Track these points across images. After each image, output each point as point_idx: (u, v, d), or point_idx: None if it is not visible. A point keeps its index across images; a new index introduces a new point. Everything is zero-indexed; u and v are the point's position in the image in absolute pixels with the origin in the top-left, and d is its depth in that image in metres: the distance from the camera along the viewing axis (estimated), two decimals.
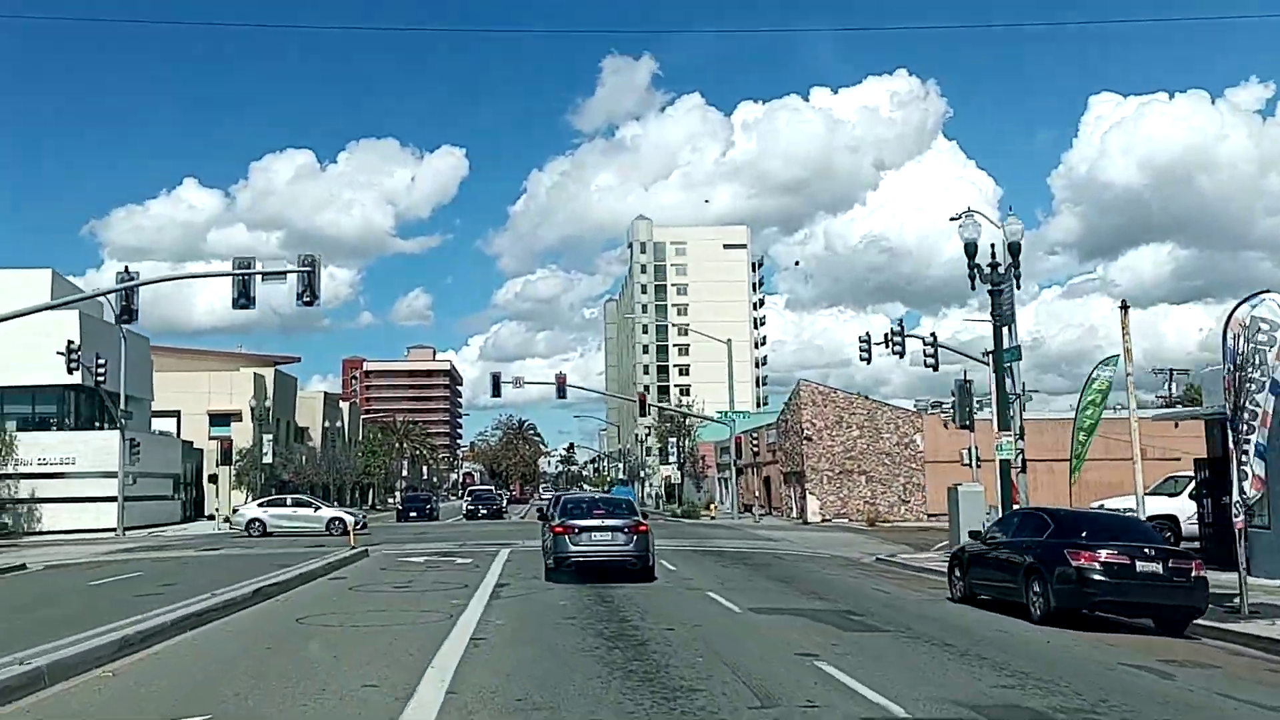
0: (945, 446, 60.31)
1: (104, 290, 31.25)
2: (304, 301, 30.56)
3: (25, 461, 54.35)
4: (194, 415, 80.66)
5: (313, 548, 34.77)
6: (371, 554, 29.70)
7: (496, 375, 62.11)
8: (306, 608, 17.15)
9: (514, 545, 33.61)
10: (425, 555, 29.60)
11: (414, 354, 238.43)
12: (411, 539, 39.78)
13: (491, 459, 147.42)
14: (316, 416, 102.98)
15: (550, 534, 21.36)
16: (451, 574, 23.40)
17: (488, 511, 63.51)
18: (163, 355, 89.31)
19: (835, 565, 28.47)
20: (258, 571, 23.37)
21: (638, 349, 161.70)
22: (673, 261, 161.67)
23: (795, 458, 61.83)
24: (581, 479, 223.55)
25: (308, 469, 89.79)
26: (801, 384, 61.58)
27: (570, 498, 24.17)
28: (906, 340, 46.40)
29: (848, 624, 15.25)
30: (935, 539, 41.40)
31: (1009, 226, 25.66)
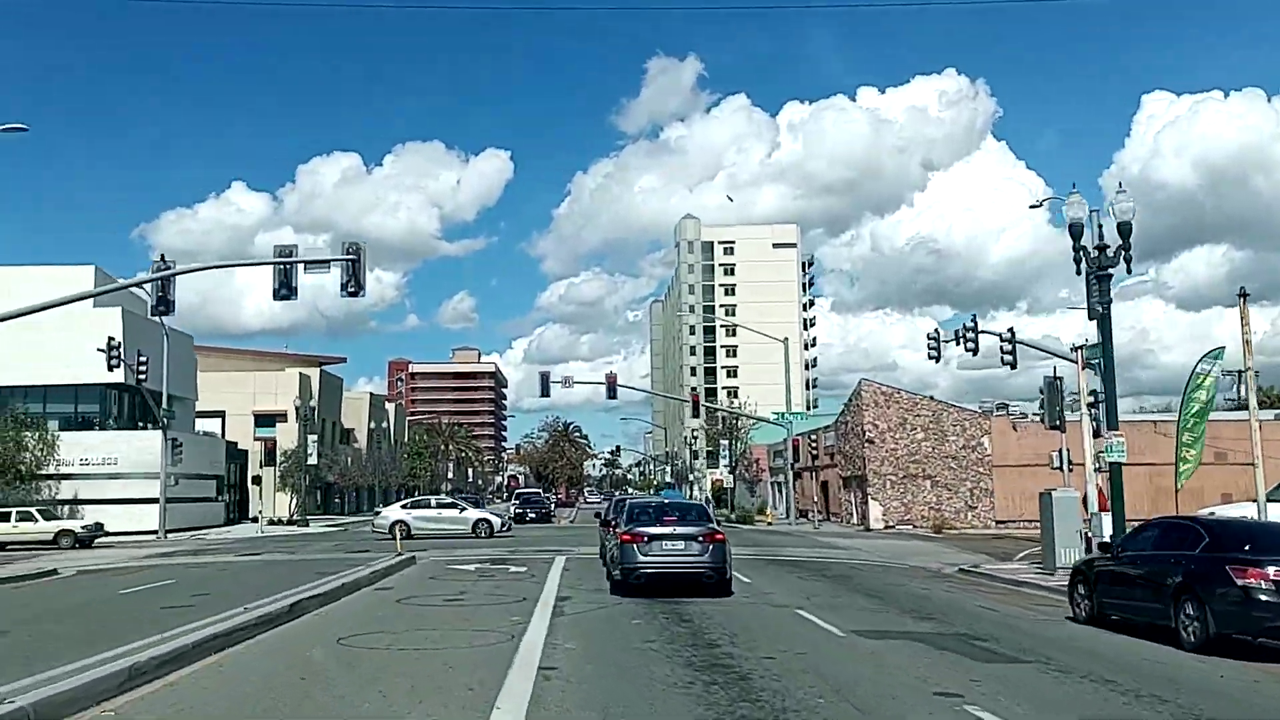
0: (1014, 450, 57.90)
1: (141, 280, 29.70)
2: (348, 292, 28.77)
3: (67, 462, 53.20)
4: (239, 416, 79.54)
5: (355, 553, 32.99)
6: (419, 561, 27.81)
7: (545, 374, 60.29)
8: (349, 625, 15.22)
9: (569, 552, 31.65)
10: (476, 562, 27.67)
11: (459, 355, 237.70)
12: (458, 545, 37.92)
13: (538, 461, 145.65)
14: (362, 418, 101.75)
15: (616, 542, 19.32)
16: (506, 585, 21.42)
17: (536, 515, 61.63)
18: (207, 355, 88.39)
19: (920, 577, 26.22)
20: (298, 580, 21.53)
21: (684, 350, 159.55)
22: (720, 261, 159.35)
23: (856, 461, 59.47)
24: (626, 482, 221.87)
25: (353, 471, 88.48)
26: (863, 384, 59.19)
27: (636, 502, 22.02)
28: (980, 337, 43.94)
29: (974, 651, 13.08)
30: (1013, 548, 39.04)
31: (1118, 205, 23.28)
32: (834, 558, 32.01)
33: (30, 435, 49.90)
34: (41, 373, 55.45)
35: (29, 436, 49.80)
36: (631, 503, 21.25)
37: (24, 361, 55.04)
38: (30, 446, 49.59)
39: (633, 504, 21.04)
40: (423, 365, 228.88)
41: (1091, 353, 29.85)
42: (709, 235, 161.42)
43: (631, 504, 21.00)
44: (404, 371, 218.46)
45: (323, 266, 29.08)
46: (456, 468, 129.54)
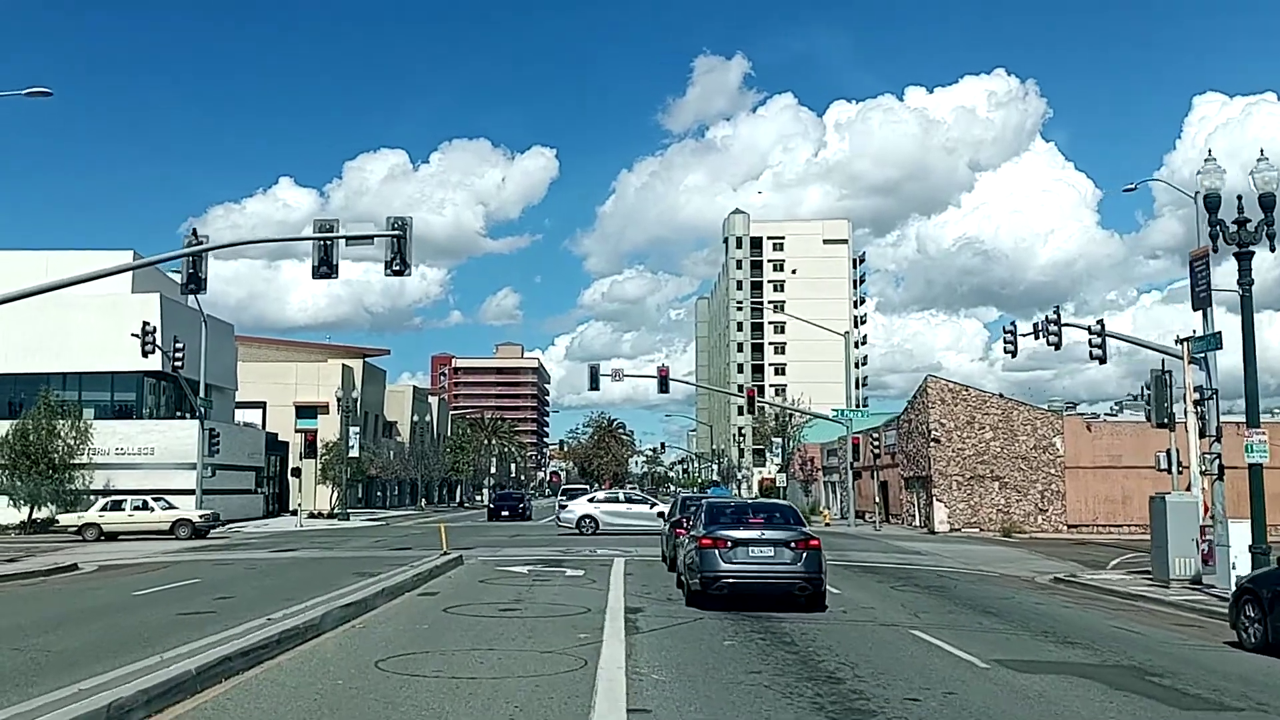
0: (1088, 451, 54.95)
1: (172, 255, 27.48)
2: (393, 270, 26.53)
3: (101, 451, 51.48)
4: (280, 407, 77.86)
5: (397, 550, 30.75)
6: (466, 561, 25.49)
7: (595, 367, 57.68)
8: (389, 642, 12.87)
9: (626, 554, 29.23)
10: (527, 564, 25.32)
11: (503, 351, 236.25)
12: (507, 542, 35.63)
13: (583, 457, 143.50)
14: (405, 411, 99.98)
15: (693, 547, 16.83)
16: (565, 591, 19.03)
17: None
18: (249, 345, 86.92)
19: (1019, 588, 23.59)
20: (334, 582, 19.28)
21: (732, 348, 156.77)
22: (769, 257, 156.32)
23: (920, 461, 56.64)
24: (668, 480, 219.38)
25: (395, 464, 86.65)
26: (929, 380, 56.34)
27: (716, 502, 19.44)
28: (1063, 330, 41.11)
29: (1161, 693, 10.49)
30: (1098, 554, 36.32)
31: (1260, 175, 20.47)
32: (912, 563, 29.37)
33: (64, 423, 48.10)
34: (77, 360, 53.91)
35: (62, 425, 48.01)
36: (710, 503, 18.67)
37: (60, 348, 53.49)
38: (64, 435, 47.79)
39: (712, 504, 18.50)
40: (466, 360, 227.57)
41: (1198, 346, 27.16)
42: (758, 231, 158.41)
43: (711, 504, 18.46)
44: (447, 366, 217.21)
45: (366, 242, 26.89)
46: (499, 463, 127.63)
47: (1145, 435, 56.27)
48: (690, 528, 18.37)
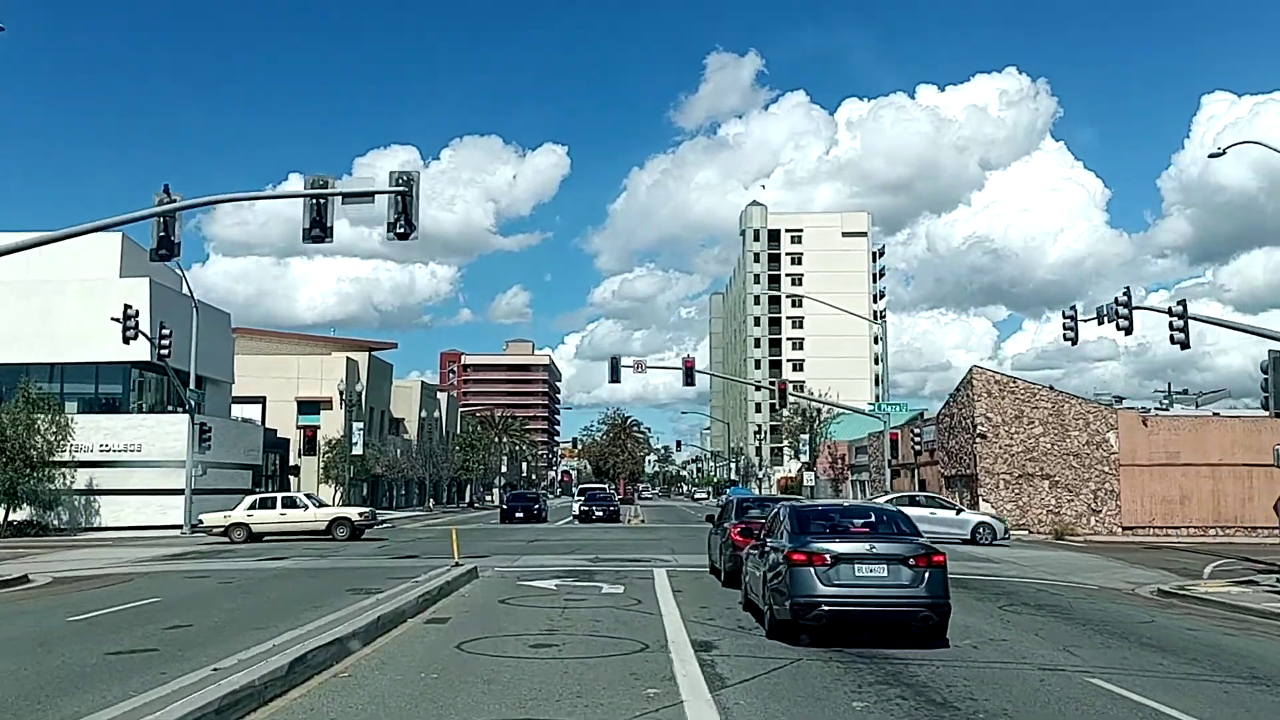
0: (1143, 447, 51.07)
1: (138, 215, 23.67)
2: (397, 233, 22.81)
3: (84, 447, 47.81)
4: (281, 402, 74.13)
5: (402, 558, 27.01)
6: (481, 573, 21.74)
7: (616, 359, 53.98)
8: (381, 701, 9.12)
9: (664, 562, 25.50)
10: (553, 576, 21.56)
11: (513, 347, 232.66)
12: (524, 548, 31.89)
13: (597, 455, 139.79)
14: (413, 407, 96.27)
15: (779, 564, 12.91)
16: (607, 615, 15.26)
17: (604, 514, 55.44)
18: (249, 338, 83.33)
19: (1146, 605, 19.76)
20: (322, 602, 15.61)
21: (749, 343, 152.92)
22: (787, 250, 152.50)
23: (964, 458, 52.79)
24: (681, 479, 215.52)
25: (402, 462, 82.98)
26: (975, 371, 52.45)
27: (801, 506, 15.29)
28: (1134, 313, 37.36)
29: None
30: (1178, 560, 32.55)
31: None
32: (994, 574, 25.49)
33: (42, 417, 44.35)
34: (60, 349, 50.19)
35: (41, 419, 44.26)
36: (795, 507, 14.65)
37: (40, 336, 49.83)
38: (43, 430, 44.05)
39: (798, 509, 14.52)
40: (475, 357, 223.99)
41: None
42: (775, 223, 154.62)
43: (796, 509, 14.47)
44: (456, 363, 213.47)
45: (364, 200, 23.11)
46: (510, 462, 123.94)
47: (1204, 430, 52.60)
48: (767, 537, 14.56)
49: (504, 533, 43.15)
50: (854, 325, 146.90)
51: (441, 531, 44.22)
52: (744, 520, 19.26)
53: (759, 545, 14.85)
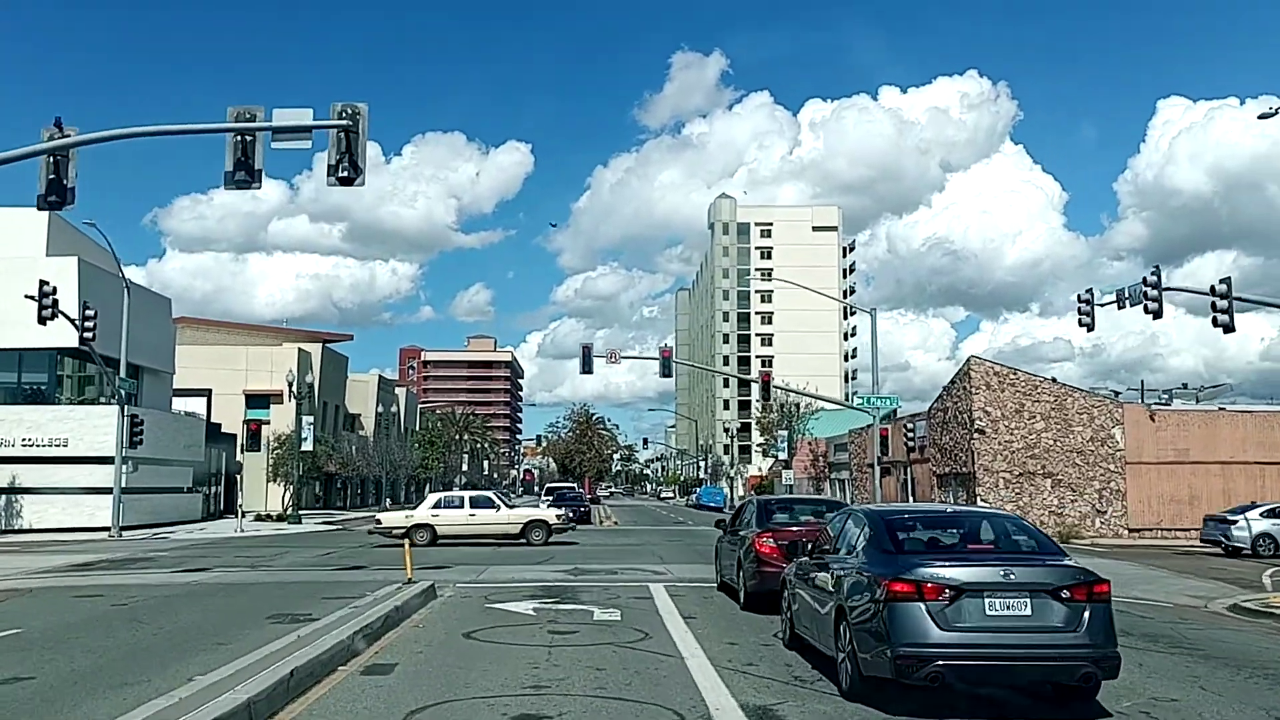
0: (1150, 444, 47.79)
1: (21, 153, 19.38)
2: (340, 177, 18.95)
3: (5, 441, 43.43)
4: (228, 395, 69.77)
5: (346, 569, 23.03)
6: (440, 591, 17.79)
7: (588, 347, 50.08)
8: None
9: (659, 575, 21.68)
10: (528, 594, 17.62)
11: (474, 343, 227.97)
12: (490, 556, 27.92)
13: (563, 453, 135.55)
14: (369, 403, 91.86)
15: (879, 598, 8.65)
16: (609, 659, 11.35)
17: (574, 515, 51.26)
18: (195, 328, 78.79)
19: (1254, 630, 16.15)
20: (229, 636, 11.74)
21: (717, 338, 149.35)
22: (757, 244, 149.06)
23: (959, 455, 49.31)
24: (644, 478, 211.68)
25: (358, 460, 78.60)
26: (973, 362, 48.93)
27: (890, 513, 10.27)
28: (1164, 295, 33.96)
29: None
30: (1220, 567, 29.15)
31: None
32: None
33: None
34: None
35: None
36: (884, 514, 10.24)
37: None
38: None
39: (889, 516, 10.18)
40: (436, 353, 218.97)
41: None
42: (745, 216, 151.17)
43: (886, 516, 10.16)
44: (416, 359, 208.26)
45: (300, 137, 19.04)
46: (471, 460, 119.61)
47: (1215, 426, 49.38)
48: (828, 555, 10.71)
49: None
50: (824, 321, 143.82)
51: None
52: (772, 528, 15.46)
53: (815, 564, 11.01)
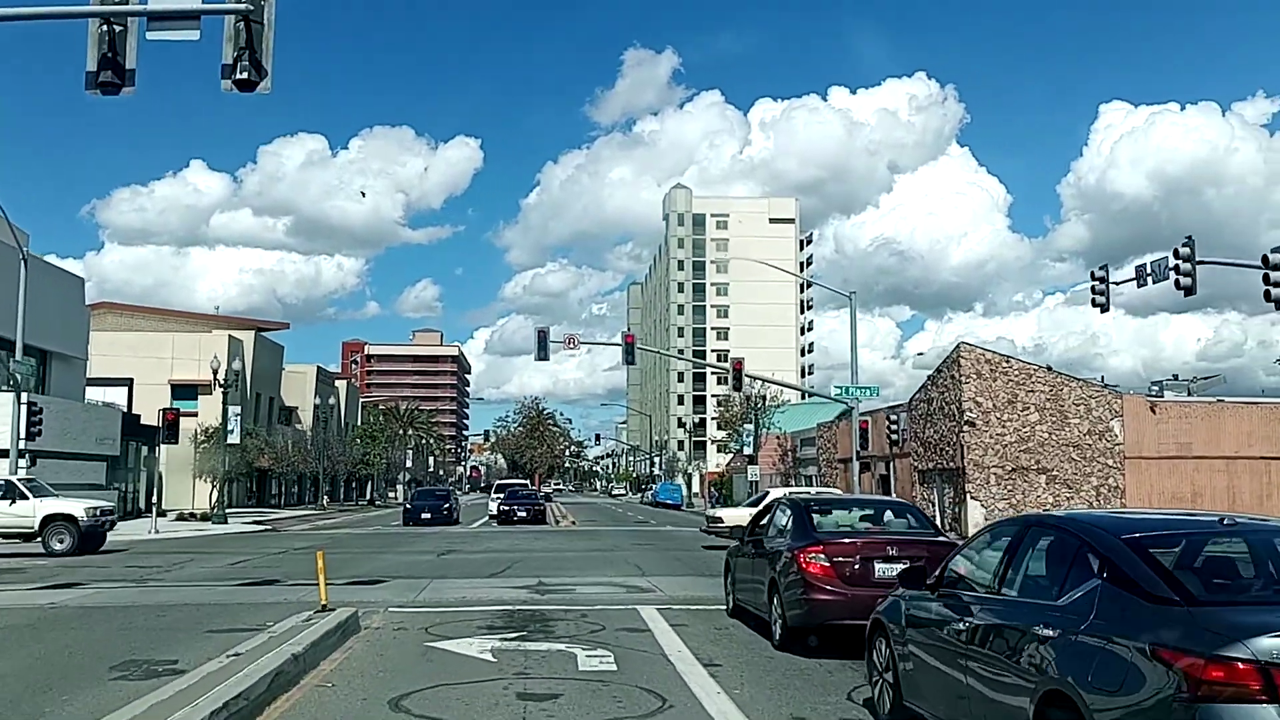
0: (1151, 437, 44.27)
1: None
2: (237, 80, 14.60)
3: None
4: (152, 385, 64.50)
5: (253, 584, 18.58)
6: (367, 620, 13.44)
7: (544, 331, 45.63)
8: None
9: (644, 592, 17.45)
10: (486, 629, 13.23)
11: (420, 337, 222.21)
12: (434, 565, 23.55)
13: (513, 448, 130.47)
14: (307, 395, 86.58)
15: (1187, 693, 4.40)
16: None
17: (527, 514, 46.97)
18: (119, 313, 73.64)
19: None
20: (38, 707, 7.23)
21: (671, 332, 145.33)
22: (713, 236, 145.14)
23: (946, 449, 45.55)
24: (594, 474, 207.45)
25: (294, 455, 73.58)
26: (962, 349, 45.15)
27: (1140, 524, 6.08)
28: (1197, 268, 30.33)
29: None
30: None
31: None
32: None
33: None
34: None
35: None
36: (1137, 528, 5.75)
37: None
38: None
39: (1149, 531, 5.67)
40: (380, 347, 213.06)
41: None
42: (700, 207, 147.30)
43: (1140, 531, 5.66)
44: (359, 353, 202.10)
45: (184, 26, 14.52)
46: (416, 456, 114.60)
47: (1219, 419, 45.95)
48: (1006, 598, 6.45)
49: (407, 539, 34.63)
50: (780, 315, 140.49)
51: (329, 538, 35.71)
52: (823, 539, 11.23)
53: (950, 609, 6.81)
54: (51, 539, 27.54)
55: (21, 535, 28.13)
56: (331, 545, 31.91)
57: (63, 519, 27.91)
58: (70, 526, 27.77)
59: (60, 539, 27.54)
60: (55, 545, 27.39)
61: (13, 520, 27.93)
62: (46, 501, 28.68)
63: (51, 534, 27.66)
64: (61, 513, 28.11)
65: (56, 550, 27.20)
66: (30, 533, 27.87)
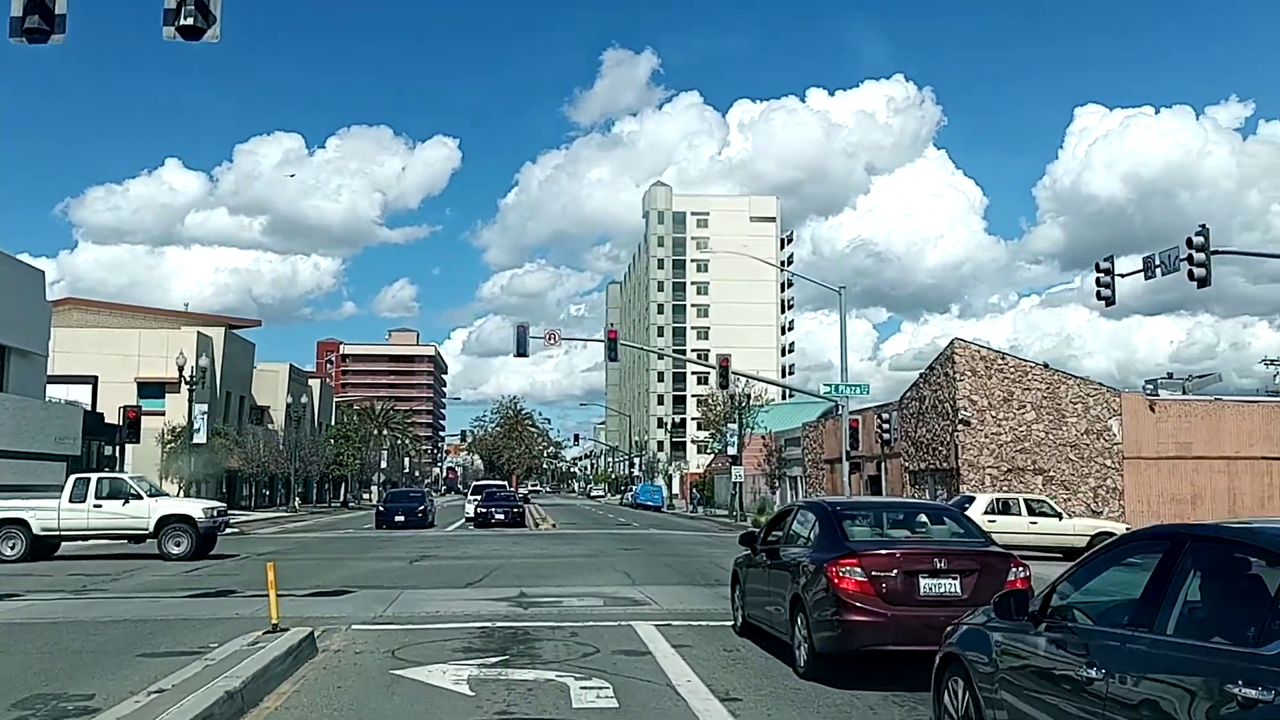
0: (1150, 437, 42.98)
1: None
2: (181, 26, 12.88)
3: None
4: (118, 384, 62.32)
5: (204, 596, 16.86)
6: (326, 641, 11.76)
7: (523, 327, 44.08)
8: None
9: (636, 605, 15.82)
10: (462, 651, 11.56)
11: (396, 337, 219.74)
12: (405, 573, 21.85)
13: (490, 449, 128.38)
14: (279, 394, 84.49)
15: None
16: None
17: (506, 516, 45.22)
18: (84, 310, 71.55)
19: None
20: None
21: (651, 331, 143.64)
22: (693, 234, 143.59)
23: (938, 449, 44.13)
24: (572, 475, 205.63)
25: (265, 456, 71.51)
26: (957, 345, 43.71)
27: None
28: (1212, 257, 28.97)
29: None
30: None
31: None
32: None
33: None
34: None
35: None
36: None
37: None
38: None
39: None
40: (356, 346, 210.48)
41: None
42: (681, 205, 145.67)
43: None
44: (334, 352, 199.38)
45: None
46: (391, 457, 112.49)
47: (1219, 418, 44.65)
48: (1160, 633, 4.86)
49: (379, 544, 32.86)
50: (761, 314, 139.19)
51: (297, 542, 33.95)
52: (859, 551, 9.55)
53: (1067, 648, 5.23)
54: (168, 542, 26.16)
55: (133, 537, 26.89)
56: (298, 550, 30.20)
57: (180, 520, 26.52)
58: (188, 528, 26.38)
59: (178, 542, 26.19)
60: (172, 549, 26.04)
61: (126, 522, 26.57)
62: (162, 502, 27.56)
63: (168, 536, 26.25)
64: (178, 513, 26.80)
65: (173, 554, 25.87)
66: (144, 534, 26.53)
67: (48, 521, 26.16)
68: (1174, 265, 29.55)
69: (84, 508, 26.20)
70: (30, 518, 26.08)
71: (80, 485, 26.90)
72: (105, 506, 26.27)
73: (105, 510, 26.26)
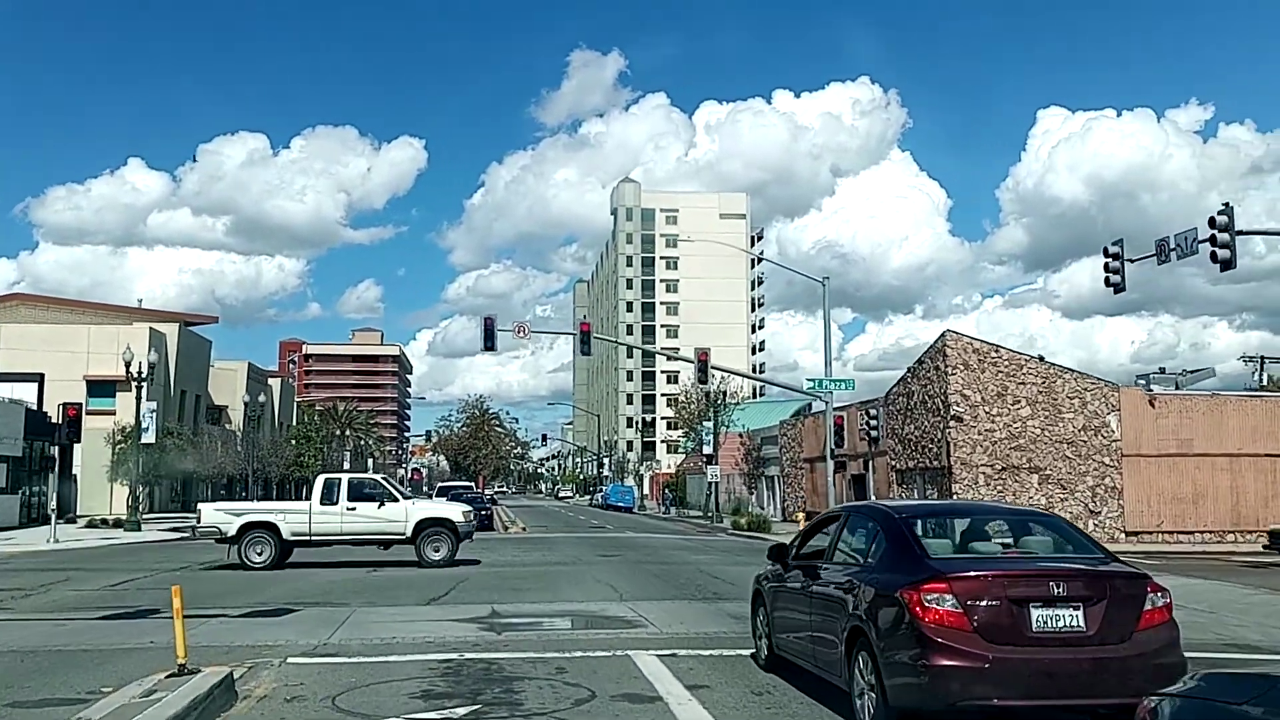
0: (1150, 433, 40.96)
1: None
2: None
3: None
4: (66, 382, 59.21)
5: (117, 619, 14.40)
6: (253, 678, 9.35)
7: (490, 320, 41.79)
8: None
9: (628, 625, 13.52)
10: (418, 692, 9.23)
11: (360, 337, 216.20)
12: (360, 585, 19.48)
13: (456, 449, 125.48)
14: (237, 393, 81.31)
15: None
16: None
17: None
18: (31, 305, 68.56)
19: None
20: None
21: (619, 329, 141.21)
22: (662, 231, 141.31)
23: (928, 447, 42.03)
24: (539, 476, 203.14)
25: (222, 457, 68.57)
26: (949, 338, 41.57)
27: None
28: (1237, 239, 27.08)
29: None
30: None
31: None
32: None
33: None
34: None
35: None
36: None
37: None
38: None
39: None
40: (319, 346, 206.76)
41: None
42: (650, 202, 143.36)
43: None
44: (297, 352, 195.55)
45: None
46: (355, 458, 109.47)
47: (1221, 413, 42.71)
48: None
49: (332, 551, 30.28)
50: (731, 313, 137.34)
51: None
52: (948, 573, 7.20)
53: None
54: (426, 547, 24.33)
55: (387, 542, 25.01)
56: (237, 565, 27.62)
57: (439, 523, 24.78)
58: (448, 533, 24.63)
59: (437, 547, 24.44)
60: (431, 554, 24.26)
61: (383, 525, 24.62)
62: (420, 504, 25.90)
63: (427, 541, 24.42)
64: (438, 517, 25.13)
65: (433, 560, 24.11)
66: (401, 539, 24.60)
67: (299, 526, 24.40)
68: (1191, 248, 27.79)
69: (336, 510, 24.37)
70: (280, 522, 24.42)
71: (329, 487, 25.20)
72: (359, 509, 24.44)
73: (360, 513, 24.40)
